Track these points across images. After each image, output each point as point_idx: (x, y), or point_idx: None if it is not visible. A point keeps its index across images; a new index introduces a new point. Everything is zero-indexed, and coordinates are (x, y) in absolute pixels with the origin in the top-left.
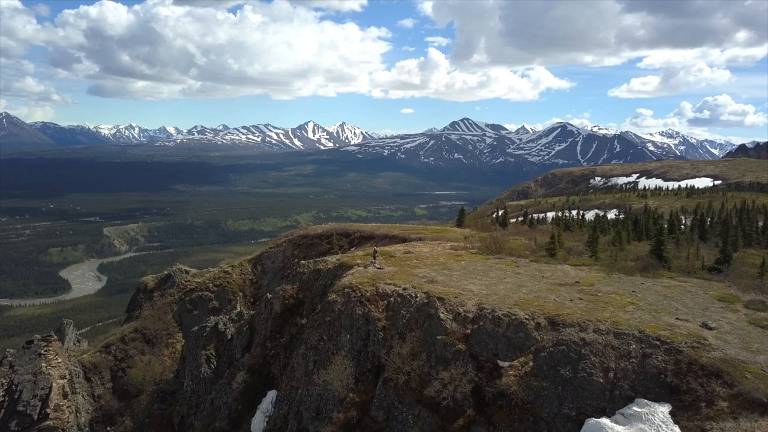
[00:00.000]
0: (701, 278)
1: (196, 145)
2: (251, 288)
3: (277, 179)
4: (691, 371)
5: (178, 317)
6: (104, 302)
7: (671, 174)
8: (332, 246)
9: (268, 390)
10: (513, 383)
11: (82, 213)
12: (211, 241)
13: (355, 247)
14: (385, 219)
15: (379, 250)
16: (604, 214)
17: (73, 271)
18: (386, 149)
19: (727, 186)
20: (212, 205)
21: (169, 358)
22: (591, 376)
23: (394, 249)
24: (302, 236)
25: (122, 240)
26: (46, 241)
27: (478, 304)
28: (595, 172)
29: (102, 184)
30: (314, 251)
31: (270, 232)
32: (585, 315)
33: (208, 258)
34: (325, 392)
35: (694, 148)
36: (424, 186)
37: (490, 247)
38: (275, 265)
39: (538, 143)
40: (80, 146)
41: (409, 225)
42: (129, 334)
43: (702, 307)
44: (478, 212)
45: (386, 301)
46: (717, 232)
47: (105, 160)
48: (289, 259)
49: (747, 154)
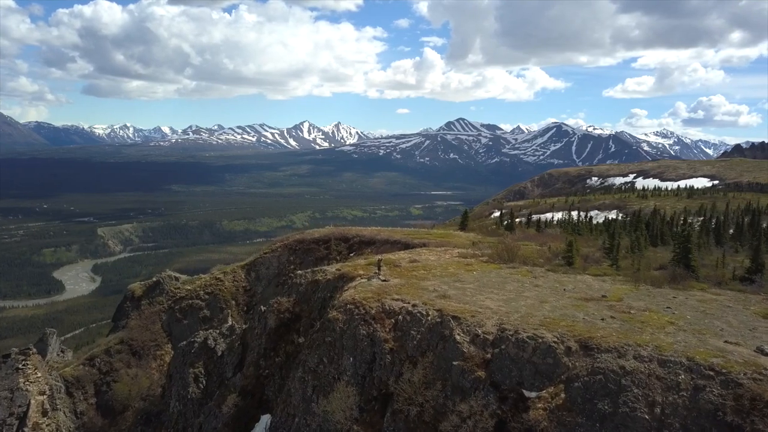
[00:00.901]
0: (734, 290)
1: (191, 145)
2: (244, 296)
3: (272, 179)
4: (756, 408)
5: (167, 327)
6: (98, 303)
7: (668, 174)
8: (330, 251)
9: (262, 414)
10: (542, 418)
11: (76, 213)
12: (205, 241)
13: (354, 252)
14: (381, 219)
15: (383, 258)
16: (616, 216)
17: (67, 271)
18: (382, 149)
19: (726, 186)
20: (207, 206)
21: (156, 371)
22: (634, 412)
23: (398, 257)
24: (298, 241)
25: (116, 240)
26: (39, 242)
27: (499, 324)
28: (592, 172)
29: (96, 184)
30: (311, 257)
31: (265, 232)
32: (622, 338)
33: (203, 258)
34: (325, 423)
35: (689, 148)
36: (419, 186)
37: (502, 255)
38: (270, 271)
39: (534, 143)
40: (74, 146)
41: (411, 229)
42: (114, 346)
43: (748, 326)
44: (475, 213)
45: (394, 319)
46: (731, 235)
47: (99, 160)
48: (285, 265)
49: (742, 154)
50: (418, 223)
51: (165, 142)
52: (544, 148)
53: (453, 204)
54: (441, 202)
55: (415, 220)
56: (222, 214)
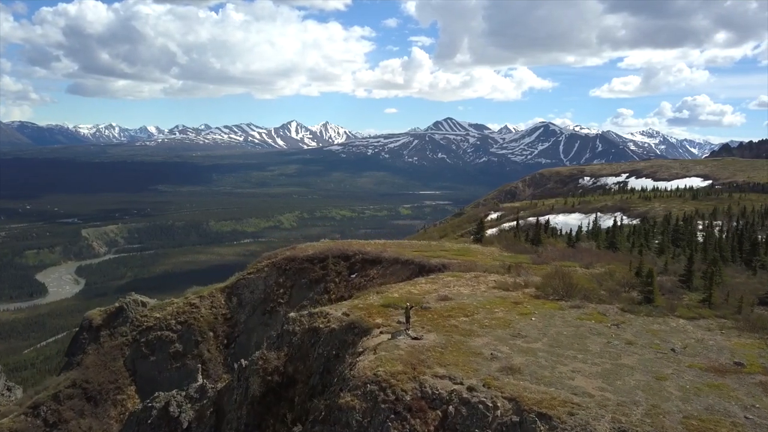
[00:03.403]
0: None
1: (178, 145)
2: (224, 326)
3: (260, 179)
4: None
5: (130, 365)
6: (81, 306)
7: (661, 174)
8: (327, 272)
9: None
10: None
11: (59, 214)
12: (192, 242)
13: (357, 273)
14: (370, 219)
15: (401, 291)
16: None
17: (50, 274)
18: (370, 149)
19: (722, 186)
20: (194, 206)
21: (116, 421)
22: None
23: (420, 290)
24: (289, 259)
25: (101, 242)
26: (21, 243)
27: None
28: (584, 172)
29: (81, 184)
30: (304, 278)
31: (253, 233)
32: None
33: (190, 259)
34: None
35: (674, 148)
36: (408, 186)
37: (557, 288)
38: (255, 296)
39: (521, 143)
40: (59, 146)
41: (421, 242)
42: (65, 390)
43: None
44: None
45: (441, 411)
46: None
47: (84, 160)
48: (273, 288)
49: (731, 153)
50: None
51: (151, 141)
52: (531, 148)
53: (441, 204)
54: (429, 201)
55: (404, 220)
56: (209, 214)
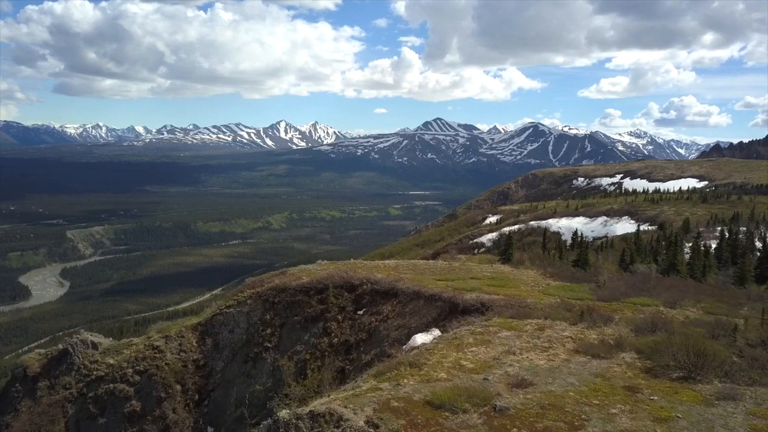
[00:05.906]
0: None
1: (166, 145)
2: (196, 376)
3: (248, 179)
4: None
5: (74, 428)
6: (66, 310)
7: (656, 174)
8: (327, 307)
9: None
10: None
11: (44, 215)
12: (180, 243)
13: (365, 310)
14: (360, 219)
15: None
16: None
17: (34, 276)
18: (360, 149)
19: (730, 188)
20: (182, 207)
21: None
22: None
23: (474, 358)
24: (278, 289)
25: (87, 243)
26: (5, 245)
27: None
28: (578, 173)
29: (67, 185)
30: (298, 314)
31: (241, 233)
32: None
33: (177, 261)
34: None
35: (662, 148)
36: (398, 186)
37: (677, 357)
38: (235, 336)
39: (510, 143)
40: (45, 146)
41: (441, 263)
42: None
43: None
44: (467, 218)
45: None
46: None
47: (70, 160)
48: (257, 327)
49: (722, 153)
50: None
51: (139, 141)
52: (521, 148)
53: (432, 204)
54: (419, 202)
55: (394, 220)
56: (197, 215)
